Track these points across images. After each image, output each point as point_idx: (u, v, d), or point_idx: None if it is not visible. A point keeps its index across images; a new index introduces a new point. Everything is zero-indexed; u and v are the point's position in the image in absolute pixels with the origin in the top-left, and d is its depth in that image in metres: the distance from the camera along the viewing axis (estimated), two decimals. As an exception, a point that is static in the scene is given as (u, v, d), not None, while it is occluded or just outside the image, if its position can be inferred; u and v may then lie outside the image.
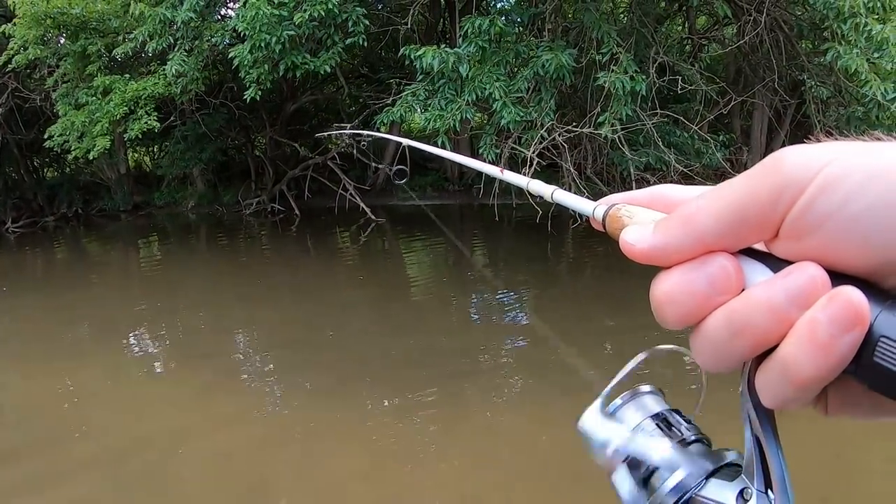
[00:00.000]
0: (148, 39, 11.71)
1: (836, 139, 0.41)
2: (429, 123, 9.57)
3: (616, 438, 0.51)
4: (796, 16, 11.47)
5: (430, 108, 9.70)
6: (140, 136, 12.57)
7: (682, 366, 5.73)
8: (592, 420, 0.52)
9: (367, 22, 10.82)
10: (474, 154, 10.62)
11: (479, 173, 11.21)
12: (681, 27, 16.88)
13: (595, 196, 0.65)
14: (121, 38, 12.98)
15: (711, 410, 0.66)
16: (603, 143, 10.57)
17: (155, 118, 12.36)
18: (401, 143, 2.65)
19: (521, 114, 9.32)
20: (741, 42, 11.76)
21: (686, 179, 13.00)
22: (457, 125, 9.49)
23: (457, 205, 15.85)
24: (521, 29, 11.16)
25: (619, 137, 10.14)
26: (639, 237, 0.46)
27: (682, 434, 0.51)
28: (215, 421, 5.95)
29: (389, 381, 6.69)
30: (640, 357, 0.56)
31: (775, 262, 0.42)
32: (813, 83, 11.78)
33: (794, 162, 0.40)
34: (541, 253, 12.66)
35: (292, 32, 10.23)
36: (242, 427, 5.82)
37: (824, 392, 0.43)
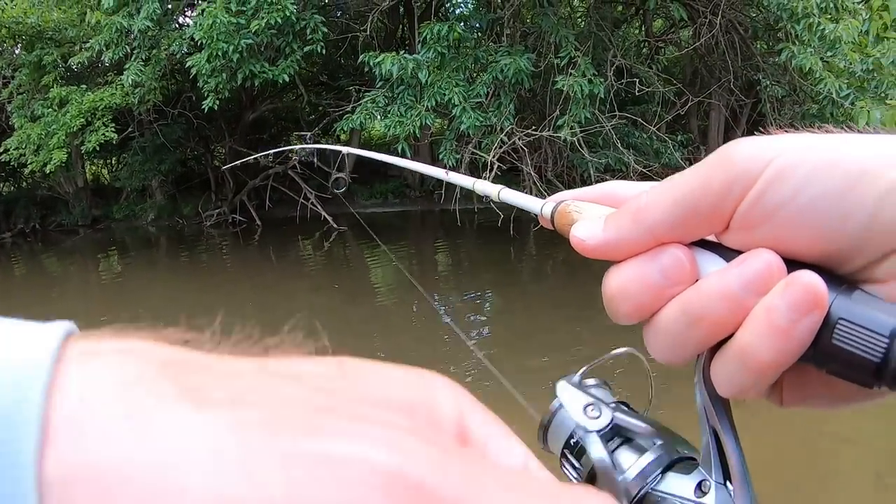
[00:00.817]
0: (104, 49, 11.59)
1: (787, 132, 0.42)
2: (389, 130, 9.58)
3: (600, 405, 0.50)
4: (751, 17, 11.64)
5: (389, 115, 9.70)
6: (97, 148, 12.39)
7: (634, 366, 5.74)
8: (570, 390, 0.51)
9: (325, 29, 10.80)
10: (435, 159, 10.62)
11: (441, 179, 11.22)
12: (638, 30, 17.04)
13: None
14: (77, 47, 12.83)
15: (665, 405, 0.65)
16: (563, 145, 10.63)
17: (112, 130, 12.22)
18: (350, 152, 2.70)
19: (481, 119, 9.36)
20: (697, 44, 11.91)
21: (645, 179, 13.09)
22: (416, 131, 9.51)
23: (418, 211, 15.84)
24: (479, 34, 11.21)
25: (578, 140, 10.21)
26: (589, 233, 0.46)
27: (633, 428, 0.50)
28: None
29: None
30: (619, 351, 0.56)
31: (728, 253, 0.42)
32: (768, 83, 11.97)
33: (745, 154, 0.40)
34: (503, 256, 12.70)
35: (250, 41, 10.17)
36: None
37: (779, 383, 0.43)
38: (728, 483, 0.44)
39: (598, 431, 0.49)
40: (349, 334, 8.56)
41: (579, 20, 12.69)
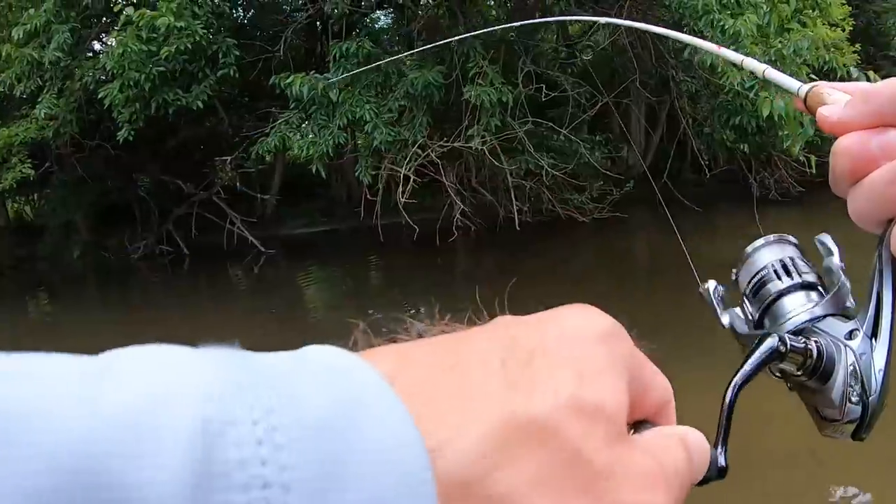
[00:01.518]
0: (16, 83, 11.32)
1: None
2: (302, 151, 9.56)
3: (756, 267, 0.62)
4: (657, 17, 11.85)
5: (304, 136, 9.69)
6: (15, 185, 12.11)
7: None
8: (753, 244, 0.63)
9: (237, 52, 10.75)
10: (356, 178, 10.63)
11: (366, 196, 11.40)
12: (555, 35, 17.26)
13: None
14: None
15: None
16: (480, 154, 10.72)
17: (29, 166, 11.97)
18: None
19: (393, 133, 9.40)
20: (603, 46, 12.11)
21: (571, 179, 13.33)
22: (330, 150, 9.51)
23: (347, 228, 15.76)
24: (390, 49, 11.25)
25: (496, 147, 10.32)
26: (832, 111, 0.56)
27: (810, 278, 0.60)
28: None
29: None
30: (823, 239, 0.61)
31: None
32: (682, 78, 12.21)
33: None
34: (434, 266, 12.75)
35: (162, 68, 10.06)
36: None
37: None
38: (874, 339, 0.53)
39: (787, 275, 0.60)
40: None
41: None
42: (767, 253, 0.62)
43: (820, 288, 0.59)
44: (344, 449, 0.25)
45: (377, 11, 14.55)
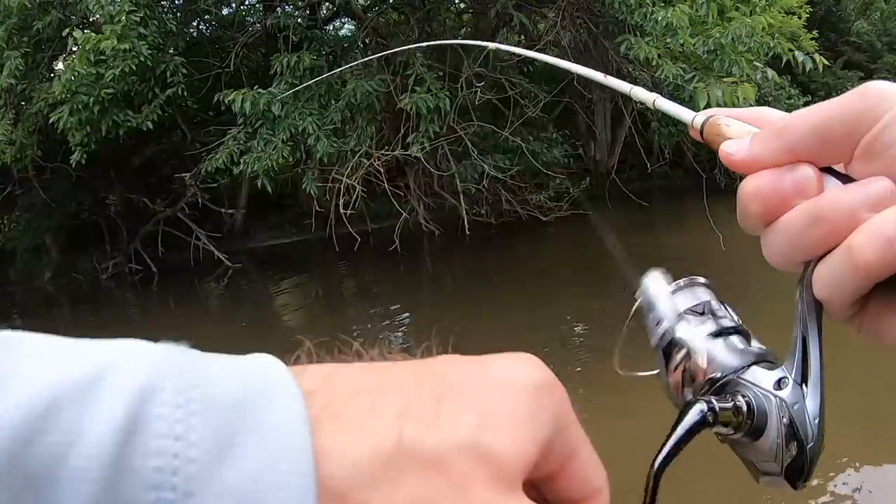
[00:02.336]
0: (-29, 110, 11.34)
1: None
2: (247, 167, 9.59)
3: (668, 317, 0.57)
4: (596, 14, 11.83)
5: (250, 151, 9.72)
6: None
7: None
8: (657, 288, 0.58)
9: (185, 70, 10.77)
10: (305, 190, 10.66)
11: (335, 204, 11.45)
12: (518, 36, 17.30)
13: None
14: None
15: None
16: (435, 159, 10.76)
17: (-9, 192, 12.00)
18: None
19: (336, 144, 9.44)
20: (544, 43, 12.12)
21: (532, 179, 13.40)
22: (275, 165, 9.55)
23: (316, 238, 15.81)
24: (332, 59, 11.28)
25: (447, 153, 10.38)
26: (737, 148, 0.52)
27: (728, 323, 0.56)
28: None
29: None
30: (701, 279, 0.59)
31: (849, 181, 0.49)
32: (637, 74, 12.22)
33: (877, 92, 0.47)
34: (401, 272, 12.82)
35: (111, 90, 10.08)
36: None
37: (863, 311, 0.50)
38: (804, 385, 0.50)
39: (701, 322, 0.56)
40: None
41: (437, 36, 12.80)
42: (680, 300, 0.58)
43: (740, 334, 0.56)
44: (244, 425, 0.31)
45: (335, 21, 14.67)
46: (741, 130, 0.55)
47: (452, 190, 12.15)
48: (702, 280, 0.59)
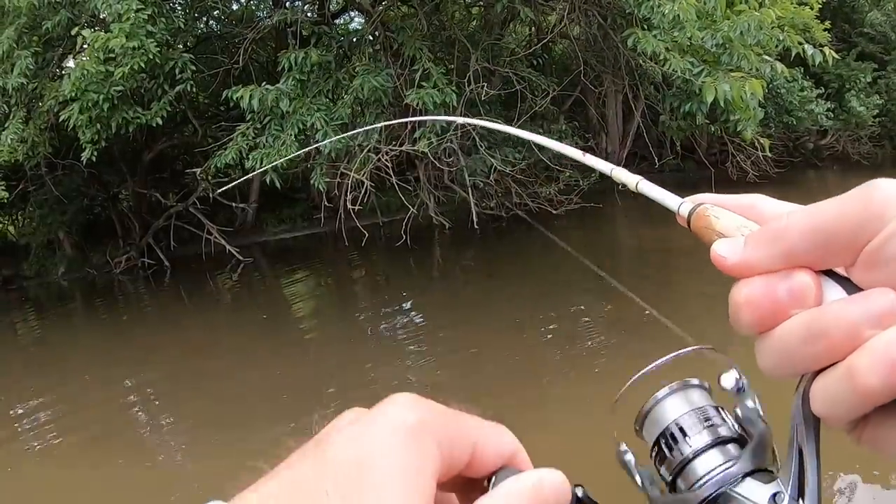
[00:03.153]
0: (-18, 110, 11.44)
1: None
2: (256, 162, 9.64)
3: (659, 425, 0.54)
4: (602, 7, 11.78)
5: (259, 147, 9.77)
6: (-8, 207, 12.24)
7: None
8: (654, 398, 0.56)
9: (193, 67, 10.81)
10: (314, 185, 10.70)
11: (344, 199, 11.53)
12: (528, 28, 17.29)
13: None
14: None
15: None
16: (435, 155, 10.77)
17: (3, 188, 12.08)
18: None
19: (344, 140, 9.47)
20: (553, 35, 12.10)
21: (544, 171, 13.39)
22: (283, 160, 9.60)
23: (327, 232, 15.90)
24: (342, 54, 11.28)
25: (456, 148, 10.40)
26: (730, 251, 0.49)
27: (723, 431, 0.53)
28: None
29: (288, 415, 6.89)
30: (685, 351, 0.58)
31: (851, 287, 0.45)
32: (648, 66, 12.17)
33: (883, 195, 0.43)
34: (411, 265, 12.87)
35: (120, 87, 10.13)
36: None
37: (865, 420, 0.45)
38: (800, 500, 0.47)
39: (696, 431, 0.53)
40: (278, 357, 8.71)
41: (446, 29, 12.80)
42: (671, 406, 0.55)
43: (735, 441, 0.53)
44: None
45: (344, 16, 14.68)
46: (732, 225, 0.52)
47: (462, 183, 12.15)
48: (695, 382, 0.56)
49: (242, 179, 9.02)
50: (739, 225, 0.51)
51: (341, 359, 8.55)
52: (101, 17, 10.41)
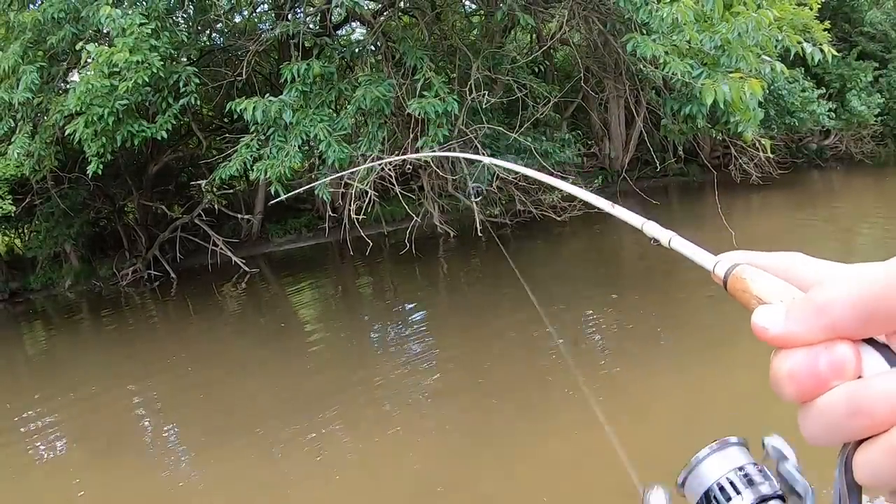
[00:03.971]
0: (-10, 124, 11.47)
1: None
2: (261, 173, 9.70)
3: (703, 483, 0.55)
4: (601, 13, 11.81)
5: (263, 157, 9.83)
6: (-1, 220, 12.29)
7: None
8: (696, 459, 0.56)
9: (198, 80, 10.88)
10: (319, 195, 10.76)
11: (348, 208, 11.60)
12: (529, 36, 17.35)
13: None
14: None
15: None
16: (438, 163, 10.83)
17: (10, 202, 12.15)
18: (493, 163, 2.43)
19: (346, 150, 9.52)
20: (553, 42, 12.15)
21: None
22: (287, 171, 9.65)
23: (333, 241, 16.00)
24: (345, 64, 11.34)
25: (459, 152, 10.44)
26: (772, 322, 0.48)
27: (765, 490, 0.53)
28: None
29: (293, 422, 6.98)
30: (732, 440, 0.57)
31: (890, 355, 0.44)
32: (649, 71, 12.17)
33: None
34: (417, 273, 12.93)
35: (125, 101, 10.19)
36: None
37: None
38: None
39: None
40: (284, 366, 8.77)
41: (447, 38, 12.86)
42: (713, 465, 0.55)
43: (778, 499, 0.53)
44: None
45: (346, 27, 14.76)
46: (770, 289, 0.52)
47: (466, 191, 12.20)
48: (734, 440, 0.56)
49: (250, 184, 9.05)
50: (778, 290, 0.51)
51: (347, 366, 8.60)
52: (104, 31, 10.47)
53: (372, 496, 5.55)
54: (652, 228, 0.80)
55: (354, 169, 9.12)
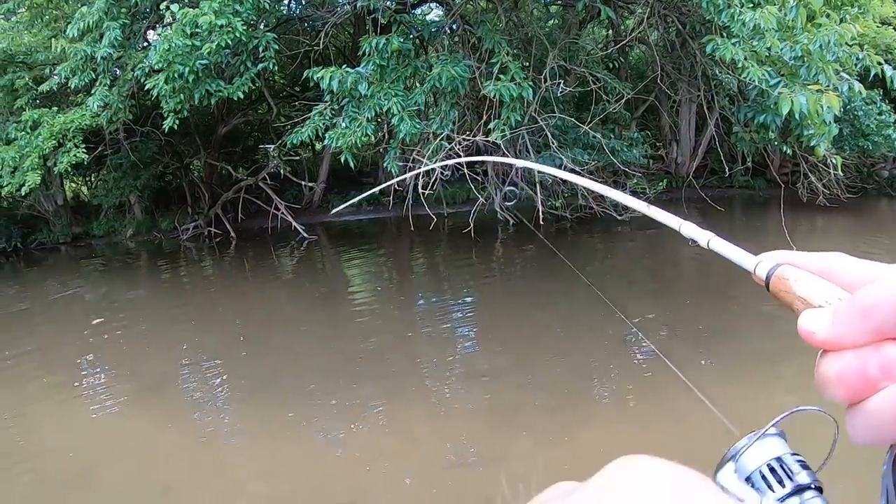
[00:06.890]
0: (70, 76, 11.73)
1: None
2: (332, 142, 9.82)
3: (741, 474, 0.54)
4: (681, 13, 11.68)
5: (336, 127, 9.96)
6: (70, 168, 12.57)
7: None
8: (727, 479, 0.54)
9: (276, 47, 11.02)
10: (386, 168, 10.85)
11: (414, 184, 11.66)
12: (606, 30, 17.24)
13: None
14: (48, 70, 13.06)
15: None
16: (507, 148, 10.83)
17: (83, 150, 12.41)
18: (527, 166, 2.39)
19: (418, 126, 9.60)
20: (630, 38, 12.06)
21: (612, 175, 13.36)
22: (358, 142, 9.76)
23: (392, 217, 16.13)
24: (419, 43, 11.41)
25: (528, 143, 10.47)
26: (819, 326, 0.49)
27: (804, 480, 0.52)
28: (167, 454, 6.14)
29: (336, 390, 7.09)
30: (786, 414, 0.56)
31: None
32: (725, 76, 12.02)
33: None
34: (473, 257, 12.97)
35: (206, 62, 10.35)
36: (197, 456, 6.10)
37: None
38: None
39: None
40: (333, 334, 8.89)
41: (534, 24, 12.83)
42: (753, 456, 0.55)
43: (814, 489, 0.52)
44: None
45: (423, 6, 14.81)
46: (813, 291, 0.52)
47: (530, 180, 12.20)
48: (773, 431, 0.56)
49: (316, 154, 9.15)
50: (822, 291, 0.51)
51: (393, 340, 8.69)
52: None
53: (409, 459, 5.71)
54: (690, 229, 0.79)
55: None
